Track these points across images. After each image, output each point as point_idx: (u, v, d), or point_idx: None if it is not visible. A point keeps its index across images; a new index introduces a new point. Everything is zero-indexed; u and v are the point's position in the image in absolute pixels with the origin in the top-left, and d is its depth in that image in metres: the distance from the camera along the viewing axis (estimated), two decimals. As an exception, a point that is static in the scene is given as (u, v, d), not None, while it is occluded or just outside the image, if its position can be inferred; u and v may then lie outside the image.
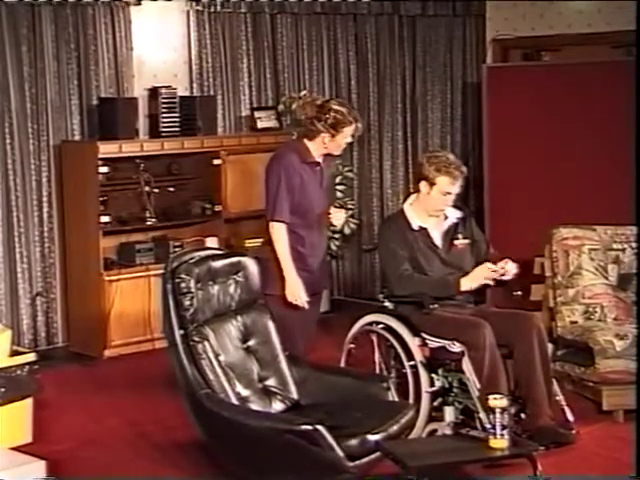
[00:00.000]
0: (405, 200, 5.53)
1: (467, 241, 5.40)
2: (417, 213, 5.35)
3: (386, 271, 5.40)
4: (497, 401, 4.26)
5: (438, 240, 5.35)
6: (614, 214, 6.50)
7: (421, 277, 5.24)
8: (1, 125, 6.75)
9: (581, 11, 8.19)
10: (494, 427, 4.25)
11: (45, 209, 7.00)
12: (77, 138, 7.10)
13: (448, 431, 4.83)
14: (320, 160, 5.27)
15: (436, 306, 5.11)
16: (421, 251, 5.28)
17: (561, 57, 8.26)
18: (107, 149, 6.83)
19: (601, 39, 7.95)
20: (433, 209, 5.32)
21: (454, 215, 5.42)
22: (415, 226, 5.32)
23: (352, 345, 5.43)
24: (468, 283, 5.23)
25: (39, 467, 4.37)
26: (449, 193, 5.26)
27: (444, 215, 5.41)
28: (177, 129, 7.26)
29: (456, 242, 5.37)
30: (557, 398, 5.16)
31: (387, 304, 5.41)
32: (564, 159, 7.68)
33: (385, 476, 4.38)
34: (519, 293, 5.65)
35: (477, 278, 5.23)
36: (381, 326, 5.29)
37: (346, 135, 5.24)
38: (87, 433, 5.45)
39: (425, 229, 5.33)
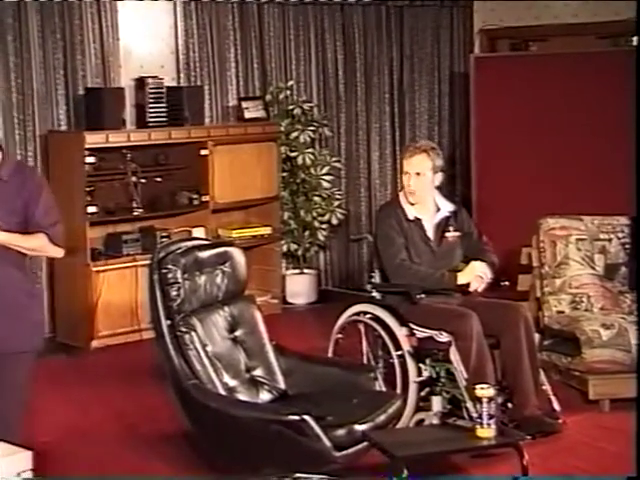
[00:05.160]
0: (402, 189, 5.52)
1: (458, 234, 5.40)
2: (409, 204, 5.37)
3: (383, 257, 5.35)
4: (484, 391, 4.27)
5: (430, 232, 5.36)
6: (601, 204, 6.52)
7: (420, 269, 5.24)
8: (-13, 115, 6.74)
9: (567, 3, 8.21)
10: (481, 417, 4.26)
11: (31, 199, 6.96)
12: (63, 128, 7.07)
13: (435, 421, 4.85)
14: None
15: (423, 296, 5.13)
16: (413, 242, 5.29)
17: (548, 47, 8.28)
18: (94, 139, 6.80)
19: (587, 30, 7.98)
20: (409, 194, 5.33)
21: (446, 208, 5.42)
22: (411, 216, 5.33)
23: (340, 335, 5.44)
24: (464, 278, 5.26)
25: (26, 457, 4.35)
26: (407, 173, 5.30)
27: (436, 207, 5.41)
28: (164, 119, 7.24)
29: (447, 235, 5.37)
30: (544, 388, 5.18)
31: (375, 294, 5.42)
32: (551, 149, 7.70)
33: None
34: (506, 283, 5.68)
35: (471, 273, 5.28)
36: (369, 316, 5.30)
37: None
38: (74, 424, 5.44)
39: (420, 220, 5.34)
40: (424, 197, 5.35)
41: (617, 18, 7.75)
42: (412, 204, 5.33)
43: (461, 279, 5.27)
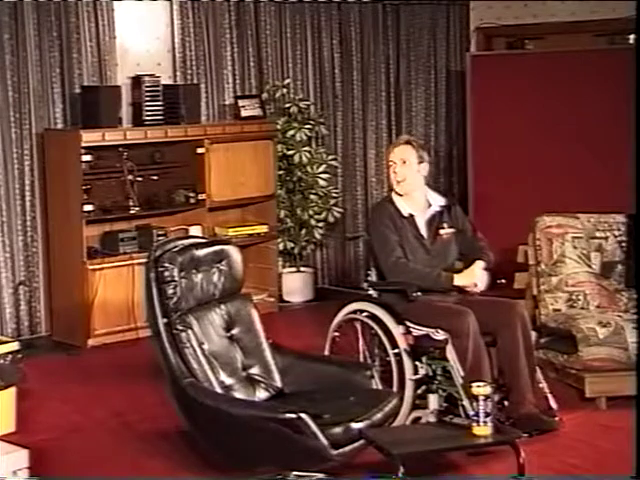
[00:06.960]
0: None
1: (452, 230, 5.40)
2: (400, 198, 5.36)
3: (378, 256, 5.34)
4: (480, 389, 4.27)
5: (423, 229, 5.35)
6: (597, 202, 6.53)
7: (415, 268, 5.24)
8: (-17, 114, 6.73)
9: (564, 1, 8.20)
10: (477, 414, 4.26)
11: (28, 198, 6.97)
12: (60, 126, 7.06)
13: (432, 419, 4.85)
14: None
15: (419, 294, 5.13)
16: (407, 240, 5.28)
17: (544, 46, 8.28)
18: (90, 137, 6.80)
19: (584, 28, 7.98)
20: (396, 183, 5.33)
21: (437, 203, 5.41)
22: (405, 213, 5.32)
23: (336, 333, 5.43)
24: (461, 280, 5.26)
25: (22, 456, 4.35)
26: (393, 163, 5.32)
27: (427, 203, 5.41)
28: (160, 117, 7.23)
29: (441, 232, 5.37)
30: (540, 385, 5.18)
31: (371, 292, 5.42)
32: (547, 147, 7.70)
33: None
34: (503, 281, 5.67)
35: (470, 276, 5.28)
36: (365, 314, 5.30)
37: None
38: (71, 422, 5.44)
39: (413, 217, 5.33)
40: (413, 187, 5.34)
41: (614, 16, 7.75)
42: (401, 195, 5.33)
43: (458, 281, 5.26)
